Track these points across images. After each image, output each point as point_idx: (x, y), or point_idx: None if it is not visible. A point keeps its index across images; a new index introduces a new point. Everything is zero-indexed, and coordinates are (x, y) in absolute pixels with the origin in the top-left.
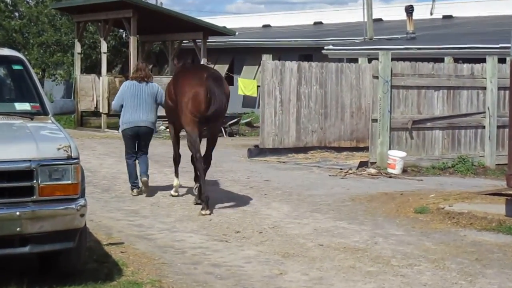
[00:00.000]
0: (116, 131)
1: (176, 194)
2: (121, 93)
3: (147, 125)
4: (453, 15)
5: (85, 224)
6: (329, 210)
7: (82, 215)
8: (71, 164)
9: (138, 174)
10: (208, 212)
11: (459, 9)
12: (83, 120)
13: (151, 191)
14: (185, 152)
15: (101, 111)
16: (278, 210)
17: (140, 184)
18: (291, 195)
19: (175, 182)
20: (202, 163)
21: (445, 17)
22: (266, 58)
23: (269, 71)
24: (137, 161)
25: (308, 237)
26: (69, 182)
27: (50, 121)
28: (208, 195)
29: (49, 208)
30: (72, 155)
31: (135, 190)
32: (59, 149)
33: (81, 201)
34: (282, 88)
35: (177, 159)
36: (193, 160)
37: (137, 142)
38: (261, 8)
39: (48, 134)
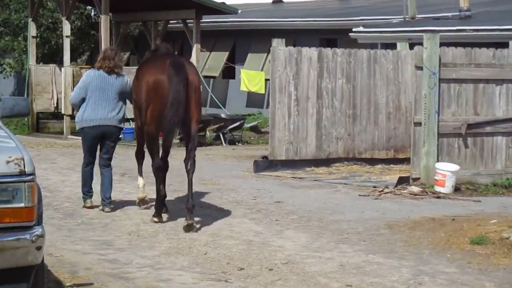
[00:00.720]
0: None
1: (144, 196)
2: (83, 84)
3: (113, 123)
4: None
5: (43, 260)
6: (360, 241)
7: (39, 248)
8: (25, 181)
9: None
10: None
11: None
12: (40, 123)
13: (128, 216)
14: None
15: (63, 112)
16: (293, 241)
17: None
18: (310, 221)
19: (141, 182)
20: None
21: None
22: (278, 44)
23: (281, 60)
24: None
25: (333, 275)
26: (22, 205)
27: None
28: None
29: None
30: (26, 170)
31: (88, 201)
32: (8, 162)
33: (38, 230)
34: (298, 82)
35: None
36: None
37: (100, 145)
38: None
39: None
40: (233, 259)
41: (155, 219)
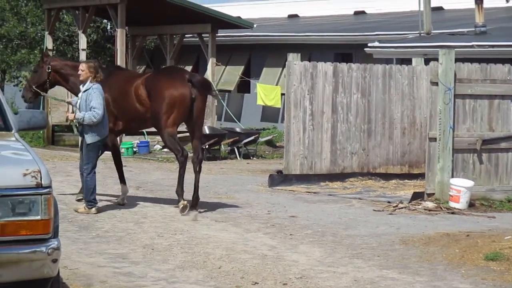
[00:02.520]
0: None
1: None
2: (102, 98)
3: None
4: None
5: (58, 273)
6: (374, 256)
7: (55, 261)
8: (41, 194)
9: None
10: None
11: None
12: (55, 136)
13: (143, 230)
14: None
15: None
16: (308, 255)
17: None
18: (324, 236)
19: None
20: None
21: None
22: (293, 58)
23: (296, 75)
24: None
25: None
26: (38, 218)
27: (13, 139)
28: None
29: (10, 251)
30: (43, 182)
31: (93, 209)
32: (25, 175)
33: (54, 243)
34: (313, 96)
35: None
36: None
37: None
38: None
39: (11, 156)
40: (247, 273)
41: (183, 203)
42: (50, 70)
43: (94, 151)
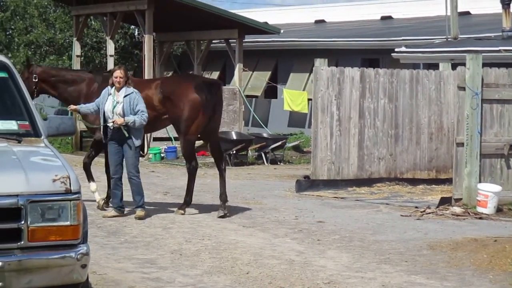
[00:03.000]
0: None
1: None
2: None
3: None
4: None
5: (87, 278)
6: (401, 261)
7: (84, 266)
8: (71, 200)
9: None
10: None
11: None
12: (83, 142)
13: (171, 235)
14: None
15: None
16: (336, 261)
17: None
18: (352, 241)
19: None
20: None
21: None
22: (320, 64)
23: (323, 80)
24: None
25: None
26: (68, 223)
27: (43, 145)
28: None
29: (41, 257)
30: (72, 188)
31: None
32: (54, 180)
33: (83, 248)
34: (340, 102)
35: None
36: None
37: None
38: None
39: (40, 162)
40: (275, 279)
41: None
42: (37, 80)
43: (139, 153)
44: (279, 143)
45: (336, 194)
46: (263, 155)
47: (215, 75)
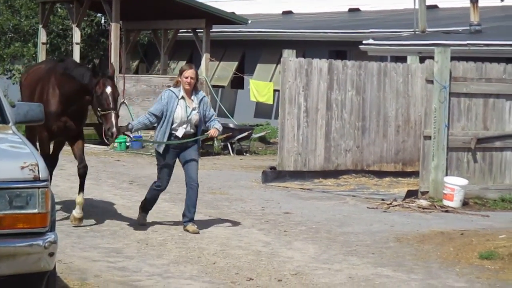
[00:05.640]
0: (92, 145)
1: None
2: None
3: None
4: None
5: (55, 267)
6: (368, 253)
7: (52, 255)
8: (39, 187)
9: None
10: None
11: None
12: None
13: (136, 224)
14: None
15: None
16: (302, 252)
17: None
18: (319, 233)
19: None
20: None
21: None
22: (288, 55)
23: (291, 71)
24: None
25: (342, 287)
26: (36, 211)
27: (11, 132)
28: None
29: (8, 244)
30: (40, 176)
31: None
32: (23, 168)
33: (51, 236)
34: (307, 93)
35: None
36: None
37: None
38: None
39: (8, 149)
40: (242, 269)
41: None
42: None
43: None
44: (245, 134)
45: (302, 186)
46: (229, 145)
47: (182, 64)
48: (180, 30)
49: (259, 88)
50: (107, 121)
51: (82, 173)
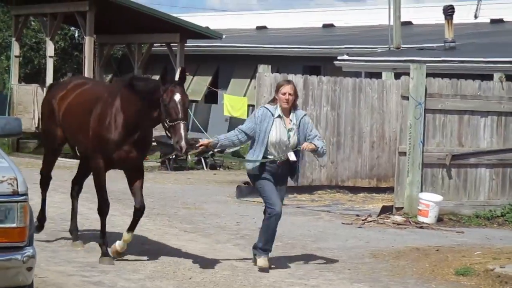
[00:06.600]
0: (65, 159)
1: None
2: None
3: None
4: (504, 19)
5: (33, 281)
6: (344, 269)
7: (30, 269)
8: (18, 201)
9: None
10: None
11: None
12: (20, 143)
13: (113, 239)
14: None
15: None
16: (278, 267)
17: None
18: (294, 248)
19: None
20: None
21: (493, 21)
22: (264, 70)
23: (266, 87)
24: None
25: None
26: (14, 225)
27: None
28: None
29: None
30: (19, 190)
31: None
32: (1, 182)
33: (29, 251)
34: None
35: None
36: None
37: None
38: (254, 5)
39: None
40: (218, 285)
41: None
42: None
43: None
44: (219, 148)
45: None
46: (202, 160)
47: (156, 78)
48: (155, 44)
49: (233, 103)
50: (175, 133)
51: (140, 215)
